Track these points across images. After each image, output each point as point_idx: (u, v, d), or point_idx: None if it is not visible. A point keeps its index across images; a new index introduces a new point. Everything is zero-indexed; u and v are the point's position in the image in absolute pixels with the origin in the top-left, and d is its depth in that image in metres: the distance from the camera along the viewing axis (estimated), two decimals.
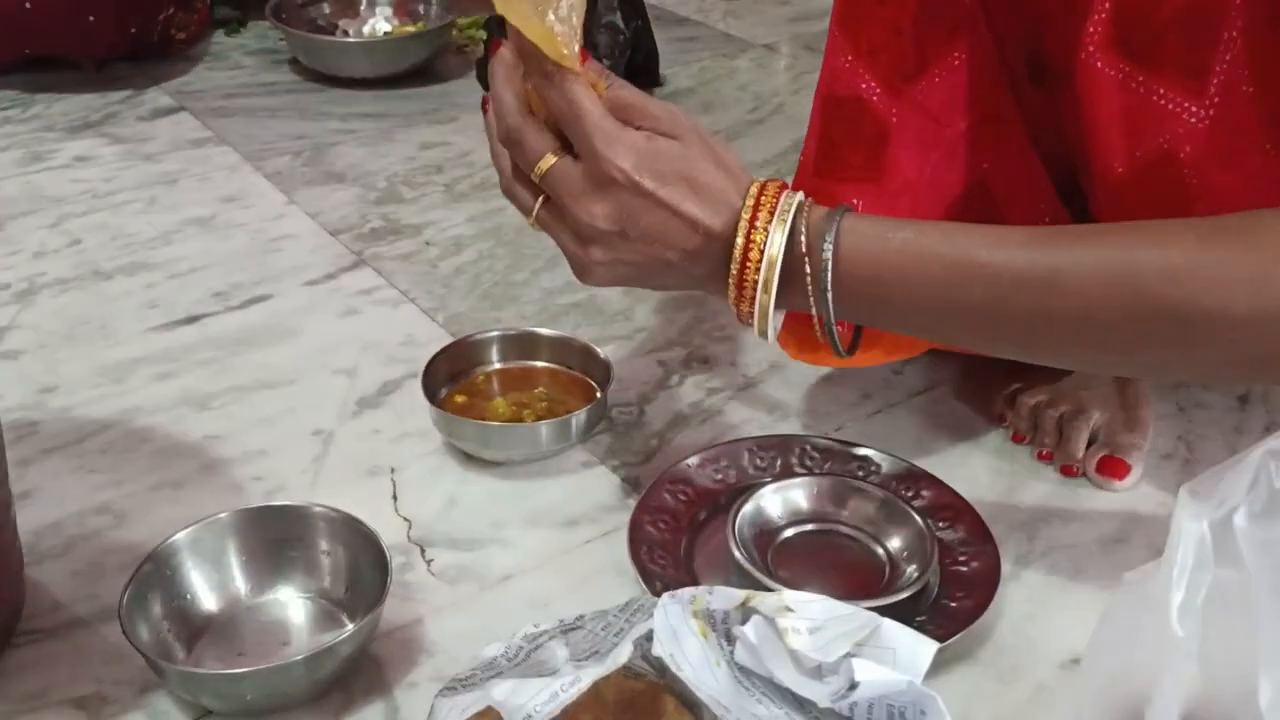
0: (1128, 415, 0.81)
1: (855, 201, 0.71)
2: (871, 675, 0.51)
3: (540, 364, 0.87)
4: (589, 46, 1.30)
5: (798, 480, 0.75)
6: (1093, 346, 0.58)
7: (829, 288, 0.59)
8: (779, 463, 0.78)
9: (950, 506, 0.74)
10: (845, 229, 0.59)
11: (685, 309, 0.97)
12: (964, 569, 0.70)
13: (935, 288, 0.58)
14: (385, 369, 0.90)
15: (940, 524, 0.72)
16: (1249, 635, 0.48)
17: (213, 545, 0.68)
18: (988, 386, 0.86)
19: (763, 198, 0.59)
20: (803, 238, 0.59)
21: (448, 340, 0.89)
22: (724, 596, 0.56)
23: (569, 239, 0.61)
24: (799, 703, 0.53)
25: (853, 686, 0.51)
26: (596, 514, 0.76)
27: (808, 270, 0.59)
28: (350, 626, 0.65)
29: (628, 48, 1.32)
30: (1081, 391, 0.82)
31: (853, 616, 0.54)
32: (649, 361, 0.91)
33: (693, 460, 0.77)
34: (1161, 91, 0.63)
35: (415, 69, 1.41)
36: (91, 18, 1.32)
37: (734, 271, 0.59)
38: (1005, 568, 0.69)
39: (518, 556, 0.72)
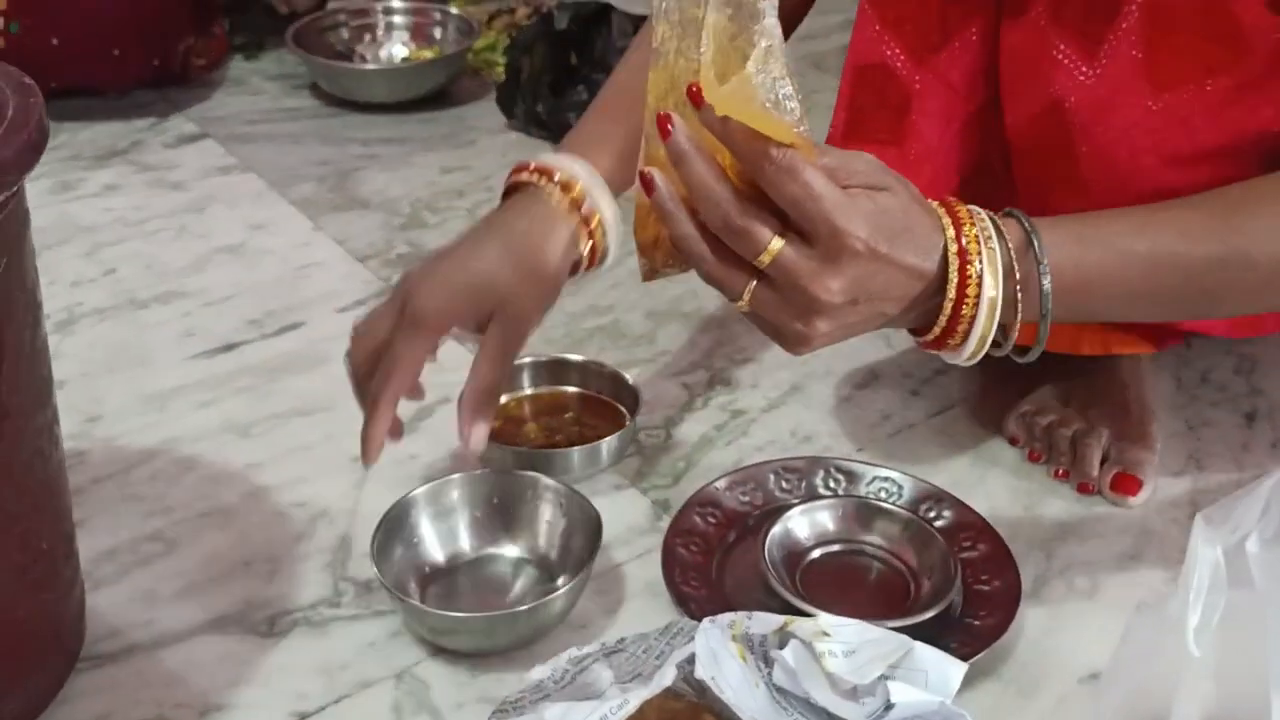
0: (1136, 431, 0.84)
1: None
2: (906, 697, 0.54)
3: (570, 389, 0.90)
4: (605, 72, 1.33)
5: (823, 502, 0.78)
6: (1271, 302, 0.68)
7: (1049, 312, 0.61)
8: (804, 485, 0.81)
9: (971, 526, 0.77)
10: (1050, 246, 0.61)
11: (707, 332, 1.00)
12: (985, 588, 0.72)
13: (1136, 283, 0.63)
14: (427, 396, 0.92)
15: (962, 544, 0.75)
16: (1262, 655, 0.51)
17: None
18: (1001, 407, 0.89)
19: (961, 229, 0.59)
20: (1016, 274, 0.60)
21: None
22: (762, 621, 0.59)
23: (792, 316, 0.58)
24: None
25: (889, 708, 0.54)
26: (629, 537, 0.79)
27: (1019, 296, 0.61)
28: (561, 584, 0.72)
29: None
30: (1091, 410, 0.85)
31: (885, 640, 0.57)
32: (674, 384, 0.94)
33: (721, 483, 0.80)
34: (1061, 47, 0.71)
35: (433, 93, 1.44)
36: (117, 51, 1.35)
37: (948, 310, 0.60)
38: (1025, 585, 0.72)
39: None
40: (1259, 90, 0.68)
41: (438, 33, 1.54)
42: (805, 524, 0.76)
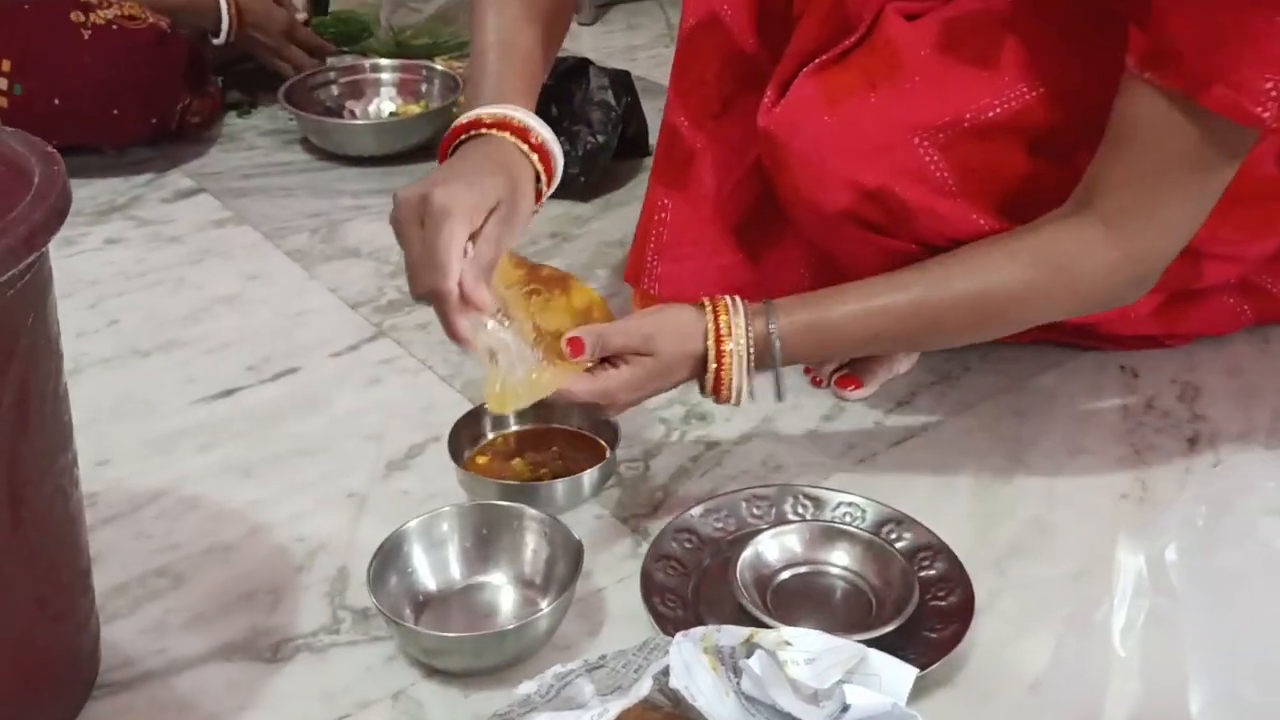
0: (874, 361, 0.99)
1: (666, 203, 1.02)
2: (861, 699, 0.59)
3: (554, 425, 0.95)
4: (583, 122, 1.40)
5: (792, 527, 0.83)
6: (962, 339, 0.91)
7: (780, 372, 0.83)
8: (774, 511, 0.86)
9: (929, 547, 0.82)
10: (783, 329, 0.81)
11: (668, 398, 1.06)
12: (942, 603, 0.78)
13: (854, 338, 0.84)
14: (410, 434, 0.98)
15: (921, 563, 0.81)
16: (1182, 655, 0.56)
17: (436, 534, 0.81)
18: None
19: (720, 332, 0.80)
20: (751, 354, 0.81)
21: (466, 405, 0.98)
22: (730, 634, 0.64)
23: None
24: None
25: (845, 709, 0.59)
26: (610, 563, 0.84)
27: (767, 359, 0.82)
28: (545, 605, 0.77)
29: (619, 123, 1.41)
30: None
31: (843, 648, 0.62)
32: (651, 419, 0.99)
33: (696, 511, 0.86)
34: (770, 95, 0.93)
35: (420, 146, 1.50)
36: (116, 110, 1.41)
37: (711, 385, 0.81)
38: (979, 600, 0.77)
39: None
40: (916, 95, 0.87)
41: (424, 88, 1.61)
42: (775, 547, 0.81)
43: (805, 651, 0.61)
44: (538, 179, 0.84)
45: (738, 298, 0.82)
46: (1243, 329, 1.08)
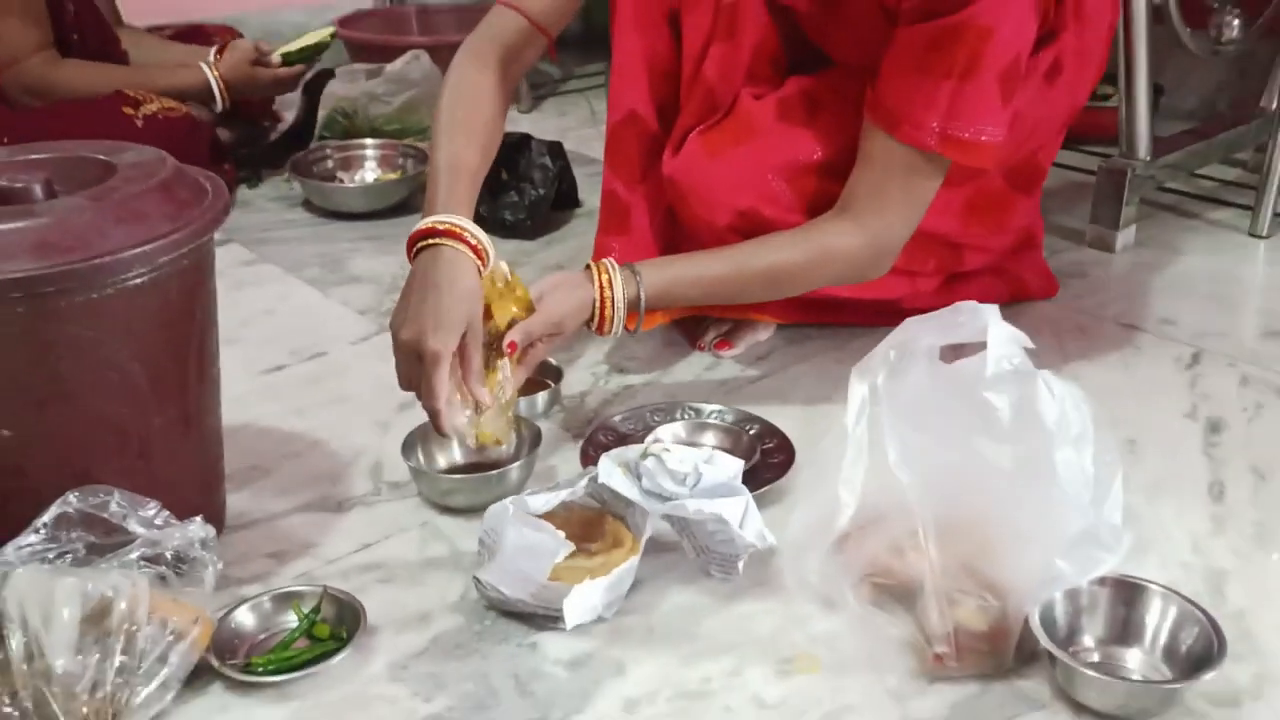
0: (749, 327, 1.46)
1: (615, 246, 1.40)
2: (710, 476, 1.01)
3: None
4: (527, 180, 1.83)
5: (679, 422, 1.25)
6: (768, 295, 1.32)
7: (643, 310, 1.21)
8: (668, 416, 1.28)
9: (771, 432, 1.24)
10: (646, 280, 1.21)
11: (607, 344, 1.48)
12: (774, 460, 1.20)
13: (693, 292, 1.25)
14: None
15: (765, 440, 1.23)
16: (883, 432, 0.98)
17: None
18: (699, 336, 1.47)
19: (602, 282, 1.20)
20: (627, 295, 1.21)
21: None
22: (632, 451, 1.05)
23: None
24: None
25: (699, 479, 1.00)
26: (560, 451, 1.25)
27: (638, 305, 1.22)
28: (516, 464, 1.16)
29: (555, 180, 1.85)
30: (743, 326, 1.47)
31: (701, 451, 1.04)
32: (585, 373, 1.41)
33: (615, 417, 1.27)
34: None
35: (399, 204, 1.93)
36: None
37: (598, 319, 1.21)
38: (799, 459, 1.19)
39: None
40: (765, 148, 1.30)
41: (399, 160, 2.05)
42: (667, 434, 1.23)
43: (677, 455, 1.03)
44: (480, 270, 1.17)
45: (615, 262, 1.22)
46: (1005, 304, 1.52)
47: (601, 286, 1.21)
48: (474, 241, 1.14)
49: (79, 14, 1.92)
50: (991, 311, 0.94)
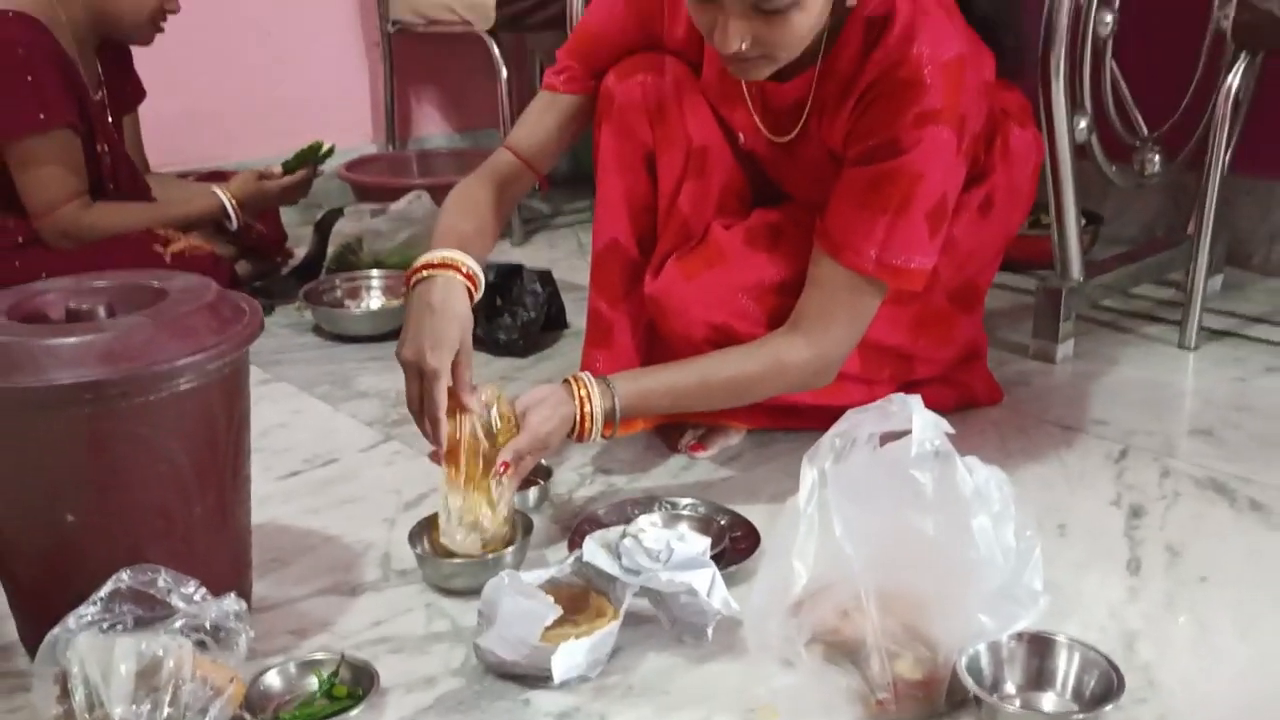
0: (721, 431, 1.60)
1: (599, 357, 1.56)
2: (681, 551, 1.15)
3: None
4: (520, 304, 2.00)
5: (656, 514, 1.39)
6: (731, 403, 1.46)
7: (618, 419, 1.35)
8: (646, 510, 1.43)
9: (739, 523, 1.39)
10: (620, 392, 1.35)
11: (593, 449, 1.63)
12: (741, 545, 1.34)
13: (668, 399, 1.40)
14: (417, 488, 1.53)
15: (732, 530, 1.37)
16: (830, 510, 1.13)
17: None
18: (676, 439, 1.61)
19: (581, 396, 1.34)
20: (603, 406, 1.35)
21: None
22: (613, 533, 1.20)
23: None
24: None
25: (671, 554, 1.15)
26: (550, 541, 1.39)
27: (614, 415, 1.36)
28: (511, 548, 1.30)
29: (545, 304, 2.03)
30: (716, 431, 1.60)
31: (673, 531, 1.19)
32: (573, 473, 1.57)
33: (600, 510, 1.42)
34: (648, 279, 1.58)
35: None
36: None
37: (578, 430, 1.35)
38: (763, 545, 1.33)
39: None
40: (735, 271, 1.47)
41: (402, 288, 2.22)
42: (645, 522, 1.37)
43: (652, 536, 1.18)
44: (471, 294, 1.35)
45: (591, 375, 1.36)
46: (954, 409, 1.68)
47: (581, 400, 1.34)
48: (466, 270, 1.34)
49: (114, 164, 2.12)
50: (917, 402, 1.10)
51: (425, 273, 1.35)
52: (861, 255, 1.36)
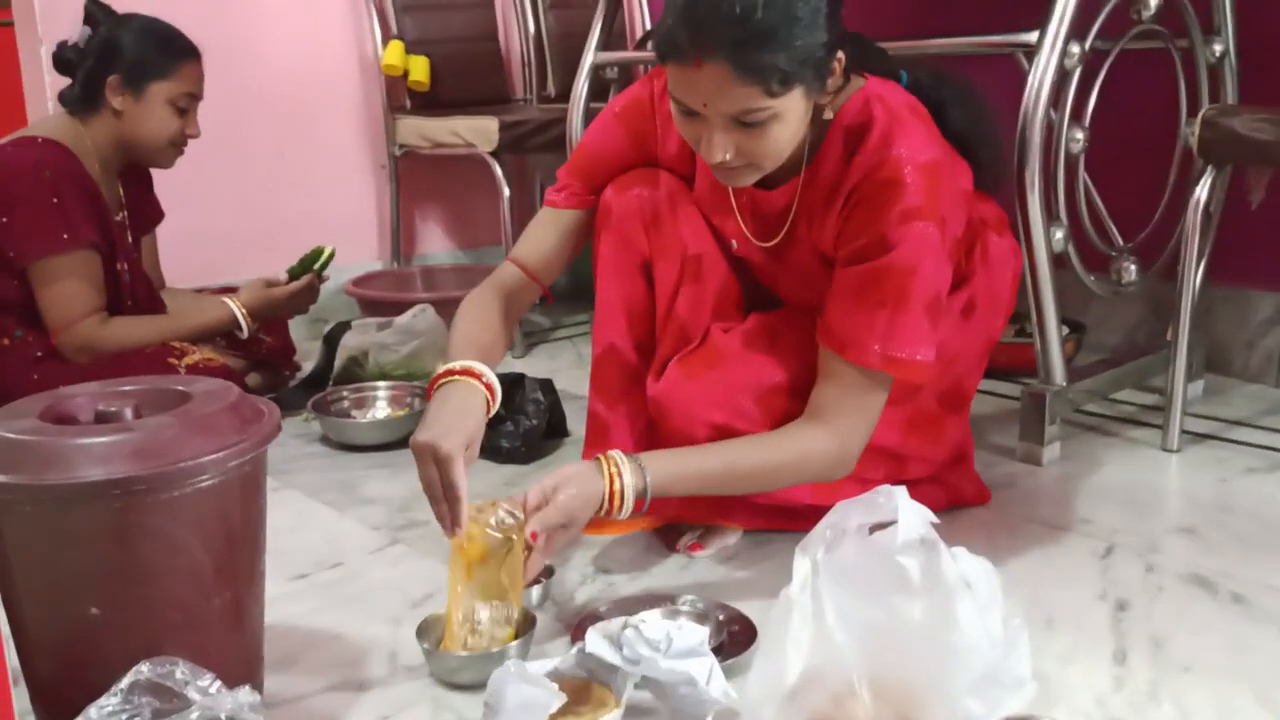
0: (719, 532, 1.64)
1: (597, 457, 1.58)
2: (680, 641, 1.20)
3: None
4: (522, 413, 2.06)
5: (657, 610, 1.44)
6: (755, 488, 1.49)
7: (649, 496, 1.37)
8: (647, 605, 1.47)
9: (737, 618, 1.43)
10: (651, 472, 1.37)
11: (594, 548, 1.68)
12: (740, 638, 1.38)
13: (695, 482, 1.43)
14: (423, 588, 1.57)
15: (730, 624, 1.41)
16: (823, 598, 1.17)
17: None
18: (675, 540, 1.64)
19: (610, 475, 1.38)
20: (635, 485, 1.38)
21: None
22: (614, 624, 1.24)
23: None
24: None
25: (671, 643, 1.19)
26: (551, 637, 1.43)
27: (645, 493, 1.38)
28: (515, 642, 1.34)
29: (547, 412, 2.09)
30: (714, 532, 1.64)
31: (672, 623, 1.23)
32: (574, 573, 1.61)
33: (601, 608, 1.46)
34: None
35: (408, 437, 2.14)
36: None
37: (607, 508, 1.37)
38: (760, 639, 1.37)
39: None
40: (735, 373, 1.53)
41: (408, 399, 2.30)
42: (646, 615, 1.41)
43: (652, 627, 1.22)
44: (489, 404, 1.45)
45: (622, 453, 1.40)
46: (943, 510, 1.74)
47: (610, 478, 1.38)
48: (486, 381, 1.43)
49: (133, 282, 2.21)
50: (903, 493, 1.16)
51: (448, 379, 1.43)
52: (866, 350, 1.42)
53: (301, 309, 2.42)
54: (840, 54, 1.40)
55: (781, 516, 1.65)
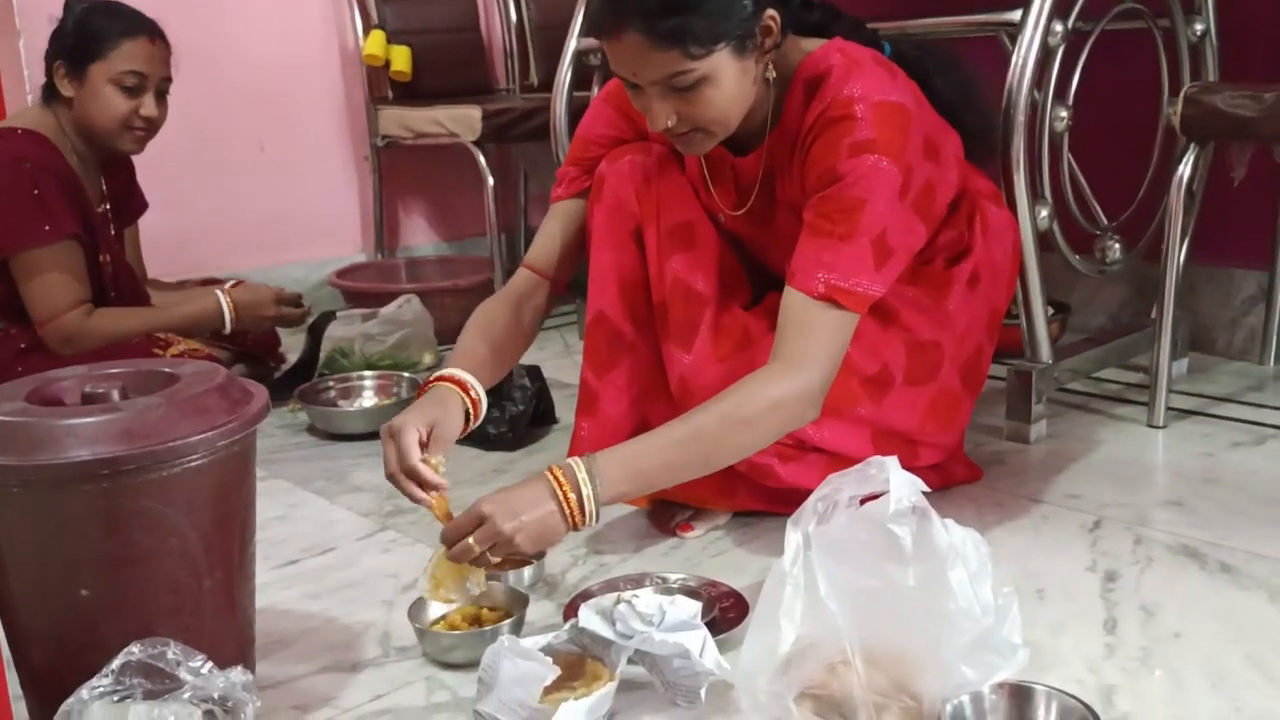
0: (714, 516, 1.63)
1: (584, 425, 1.61)
2: (672, 615, 1.20)
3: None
4: (509, 399, 2.06)
5: (648, 588, 1.43)
6: (721, 452, 1.41)
7: (601, 502, 1.34)
8: (638, 584, 1.47)
9: (728, 594, 1.43)
10: (599, 471, 1.34)
11: (584, 536, 1.67)
12: (731, 614, 1.38)
13: (659, 457, 1.37)
14: (413, 572, 1.57)
15: (722, 600, 1.42)
16: (814, 569, 1.18)
17: None
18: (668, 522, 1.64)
19: (561, 482, 1.32)
20: (587, 489, 1.33)
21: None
22: (607, 599, 1.24)
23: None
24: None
25: (664, 616, 1.19)
26: (544, 616, 1.43)
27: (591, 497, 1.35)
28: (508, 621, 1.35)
29: (534, 398, 2.09)
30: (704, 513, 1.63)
31: (665, 598, 1.23)
32: (566, 555, 1.61)
33: (593, 586, 1.46)
34: (672, 349, 1.60)
35: None
36: None
37: (566, 516, 1.32)
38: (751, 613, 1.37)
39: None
40: (765, 354, 1.45)
41: (393, 388, 2.29)
42: (639, 590, 1.41)
43: (644, 601, 1.22)
44: (470, 417, 1.47)
45: (571, 462, 1.34)
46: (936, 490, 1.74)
47: (564, 495, 1.33)
48: (474, 395, 1.47)
49: (116, 273, 2.20)
50: (893, 463, 1.16)
51: (435, 384, 1.48)
52: (811, 279, 1.41)
53: (286, 324, 2.40)
54: (772, 11, 1.40)
55: (772, 499, 1.63)
